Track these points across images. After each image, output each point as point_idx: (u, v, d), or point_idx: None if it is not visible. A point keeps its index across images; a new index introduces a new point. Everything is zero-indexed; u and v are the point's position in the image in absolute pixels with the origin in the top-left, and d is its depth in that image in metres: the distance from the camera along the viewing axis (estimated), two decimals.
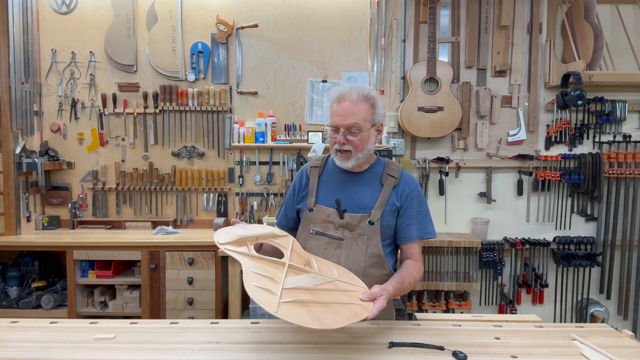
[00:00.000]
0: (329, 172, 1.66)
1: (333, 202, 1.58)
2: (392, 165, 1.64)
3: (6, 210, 3.05)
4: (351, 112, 1.49)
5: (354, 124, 1.49)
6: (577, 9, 3.19)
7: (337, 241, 1.56)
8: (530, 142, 3.31)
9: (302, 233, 1.64)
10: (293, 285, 1.24)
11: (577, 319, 3.36)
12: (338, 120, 1.51)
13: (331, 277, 1.37)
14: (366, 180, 1.61)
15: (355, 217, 1.55)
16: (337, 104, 1.52)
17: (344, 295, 1.30)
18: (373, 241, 1.55)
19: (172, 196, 3.41)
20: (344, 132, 1.50)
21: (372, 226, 1.55)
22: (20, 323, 1.50)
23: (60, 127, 3.36)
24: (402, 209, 1.58)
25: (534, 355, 1.28)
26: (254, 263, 1.29)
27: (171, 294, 2.90)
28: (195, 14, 3.32)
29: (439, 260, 3.20)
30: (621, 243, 3.29)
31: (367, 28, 3.30)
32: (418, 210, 1.59)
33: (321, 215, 1.59)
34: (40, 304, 2.99)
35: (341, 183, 1.62)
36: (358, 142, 1.51)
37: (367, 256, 1.55)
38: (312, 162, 1.71)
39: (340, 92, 1.53)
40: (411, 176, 1.65)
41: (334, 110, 1.53)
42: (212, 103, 3.31)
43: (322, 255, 1.54)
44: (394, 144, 3.26)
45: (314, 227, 1.60)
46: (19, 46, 3.07)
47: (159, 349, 1.30)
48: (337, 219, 1.56)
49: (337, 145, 1.53)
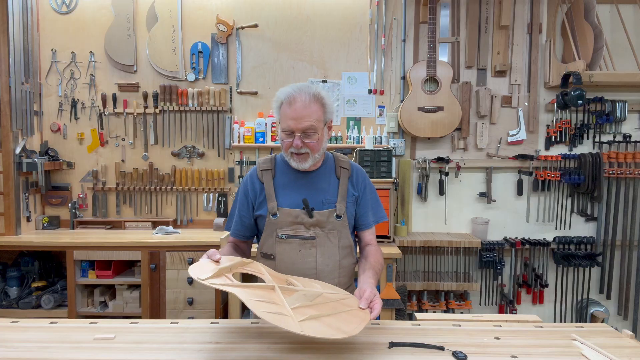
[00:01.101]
0: (282, 173, 1.61)
1: (295, 203, 1.55)
2: (340, 157, 1.66)
3: (6, 210, 3.05)
4: (305, 115, 1.45)
5: (310, 126, 1.46)
6: (577, 9, 3.19)
7: (310, 240, 1.55)
8: (530, 142, 3.31)
9: (267, 239, 1.58)
10: (296, 304, 1.23)
11: (577, 319, 3.36)
12: (292, 124, 1.46)
13: (319, 290, 1.38)
14: (322, 176, 1.61)
15: (324, 213, 1.55)
16: (287, 107, 1.47)
17: (340, 305, 1.31)
18: (343, 233, 1.59)
19: (172, 196, 3.41)
20: (300, 136, 1.47)
21: (339, 219, 1.57)
22: (20, 323, 1.50)
23: (60, 127, 3.36)
24: (360, 198, 1.63)
25: (534, 355, 1.28)
26: (248, 291, 1.24)
27: (171, 294, 2.90)
28: (195, 14, 3.32)
29: (439, 260, 3.20)
30: (621, 243, 3.29)
31: (367, 28, 3.30)
32: (371, 197, 1.67)
33: (288, 218, 1.55)
34: (40, 304, 2.99)
35: (299, 182, 1.59)
36: (315, 143, 1.49)
37: (340, 249, 1.58)
38: (260, 165, 1.63)
39: (289, 94, 1.47)
40: (358, 166, 1.70)
41: (285, 114, 1.47)
42: (212, 103, 3.31)
43: (297, 257, 1.55)
44: (394, 144, 3.26)
45: (283, 231, 1.55)
46: (19, 46, 3.07)
47: (159, 349, 1.30)
48: (307, 219, 1.54)
49: (293, 149, 1.50)
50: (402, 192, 3.30)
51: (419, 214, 3.38)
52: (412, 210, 3.37)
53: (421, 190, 3.33)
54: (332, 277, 1.57)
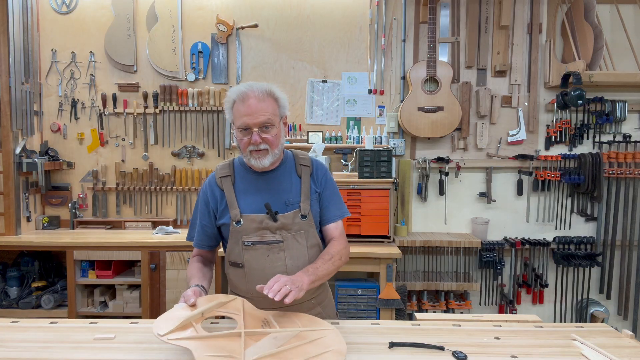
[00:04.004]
0: (241, 178, 1.57)
1: (258, 208, 1.51)
2: (300, 155, 1.63)
3: (6, 210, 3.05)
4: (260, 109, 1.44)
5: (267, 120, 1.44)
6: (577, 9, 3.19)
7: (277, 245, 1.50)
8: (530, 142, 3.31)
9: (234, 248, 1.53)
10: (255, 356, 1.13)
11: (577, 319, 3.36)
12: (249, 119, 1.43)
13: (294, 329, 1.29)
14: (282, 176, 1.57)
15: (288, 215, 1.52)
16: (241, 104, 1.45)
17: (312, 347, 1.21)
18: (310, 233, 1.55)
19: (172, 196, 3.41)
20: (258, 131, 1.44)
21: (305, 219, 1.54)
22: (20, 323, 1.50)
23: (60, 127, 3.36)
24: (321, 193, 1.60)
25: (534, 355, 1.28)
26: (206, 344, 1.17)
27: (171, 294, 2.90)
28: (195, 14, 3.32)
29: (439, 260, 3.19)
30: (621, 243, 3.29)
31: (367, 28, 3.30)
32: (332, 192, 1.63)
33: (252, 225, 1.50)
34: (40, 304, 2.99)
35: (259, 185, 1.55)
36: (273, 138, 1.47)
37: (308, 249, 1.54)
38: (219, 172, 1.58)
39: (241, 91, 1.46)
40: (319, 161, 1.66)
41: (239, 111, 1.45)
42: (212, 103, 3.31)
43: (265, 263, 1.50)
44: (394, 144, 3.26)
45: (248, 238, 1.50)
46: (19, 46, 3.07)
47: (159, 349, 1.30)
48: (272, 223, 1.50)
49: (252, 146, 1.46)
50: (402, 192, 3.30)
51: (419, 214, 3.38)
52: (412, 210, 3.37)
53: (421, 190, 3.33)
54: None
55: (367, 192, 2.97)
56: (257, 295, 1.52)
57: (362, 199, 2.96)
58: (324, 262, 1.49)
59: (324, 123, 3.36)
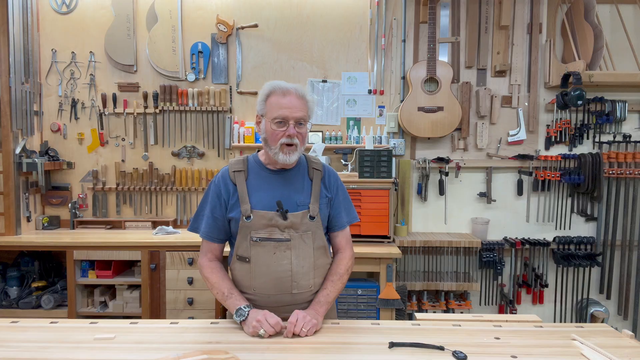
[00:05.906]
0: (255, 175, 1.60)
1: (270, 205, 1.54)
2: (312, 159, 1.68)
3: (6, 210, 3.05)
4: (298, 105, 1.51)
5: (303, 116, 1.52)
6: (577, 9, 3.19)
7: (285, 243, 1.53)
8: (530, 142, 3.31)
9: (242, 242, 1.55)
10: None
11: (577, 319, 3.36)
12: (288, 112, 1.50)
13: None
14: (295, 177, 1.61)
15: (297, 215, 1.55)
16: (281, 98, 1.52)
17: None
18: (317, 234, 1.59)
19: (172, 196, 3.41)
20: (294, 125, 1.51)
21: (313, 220, 1.57)
22: (20, 323, 1.50)
23: (60, 127, 3.36)
24: (332, 200, 1.65)
25: (534, 355, 1.28)
26: None
27: (171, 294, 2.90)
28: (195, 14, 3.32)
29: (439, 260, 3.19)
30: (621, 243, 3.29)
31: (367, 28, 3.30)
32: (344, 198, 1.70)
33: (262, 221, 1.53)
34: (40, 304, 2.99)
35: (272, 183, 1.58)
36: (305, 134, 1.55)
37: (314, 250, 1.58)
38: (233, 166, 1.61)
39: (282, 86, 1.54)
40: (330, 167, 1.72)
41: (278, 103, 1.51)
42: (212, 103, 3.31)
43: (271, 260, 1.53)
44: (394, 144, 3.26)
45: (257, 234, 1.53)
46: (19, 46, 3.07)
47: (159, 349, 1.30)
48: (281, 221, 1.53)
49: (285, 139, 1.51)
50: (402, 192, 3.30)
51: (419, 214, 3.38)
52: (412, 210, 3.37)
53: (421, 190, 3.33)
54: (308, 278, 1.56)
55: (367, 192, 2.97)
56: (261, 292, 1.53)
57: (362, 199, 2.96)
58: (333, 284, 1.59)
59: (324, 123, 3.36)
